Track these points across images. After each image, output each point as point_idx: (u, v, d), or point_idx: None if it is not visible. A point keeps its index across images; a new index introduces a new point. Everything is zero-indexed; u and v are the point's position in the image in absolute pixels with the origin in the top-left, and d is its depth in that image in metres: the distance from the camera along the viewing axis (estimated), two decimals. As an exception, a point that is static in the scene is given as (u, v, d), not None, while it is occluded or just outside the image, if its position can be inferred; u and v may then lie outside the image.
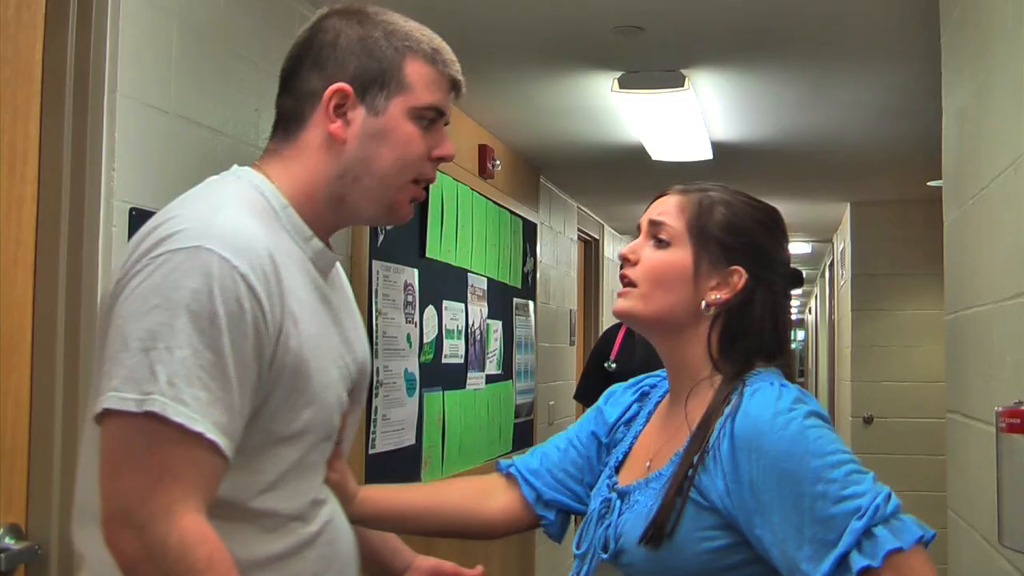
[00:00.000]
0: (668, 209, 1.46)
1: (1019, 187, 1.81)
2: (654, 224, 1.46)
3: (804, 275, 1.52)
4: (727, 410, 1.32)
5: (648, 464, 1.44)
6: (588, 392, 4.81)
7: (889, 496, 1.22)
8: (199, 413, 1.21)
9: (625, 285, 1.47)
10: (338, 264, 1.56)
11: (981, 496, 2.04)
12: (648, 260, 1.45)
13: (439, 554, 1.70)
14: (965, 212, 2.30)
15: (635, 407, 1.61)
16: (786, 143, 4.78)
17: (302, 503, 1.37)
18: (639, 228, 1.50)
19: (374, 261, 3.29)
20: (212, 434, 1.22)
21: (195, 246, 1.25)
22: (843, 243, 6.86)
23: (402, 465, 3.50)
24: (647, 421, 1.56)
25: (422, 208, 3.71)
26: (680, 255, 1.43)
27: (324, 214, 1.44)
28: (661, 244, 1.45)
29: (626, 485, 1.45)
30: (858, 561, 1.18)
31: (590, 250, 7.39)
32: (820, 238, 8.63)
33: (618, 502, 1.43)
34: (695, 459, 1.32)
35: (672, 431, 1.43)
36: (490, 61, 3.55)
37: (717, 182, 1.51)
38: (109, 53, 2.05)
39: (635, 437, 1.54)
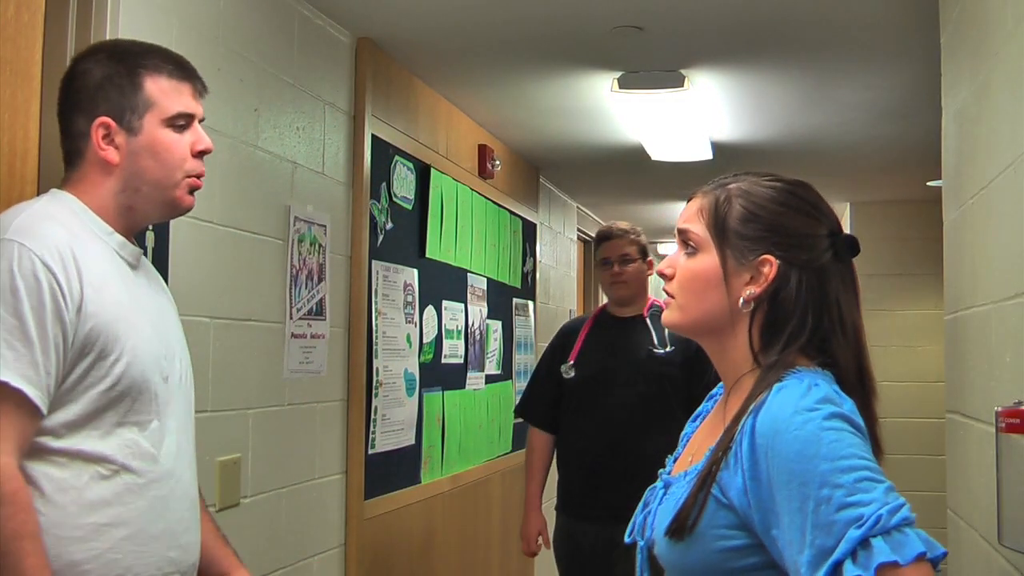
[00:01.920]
0: (691, 215, 1.46)
1: (1019, 187, 1.81)
2: (681, 232, 1.47)
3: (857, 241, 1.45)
4: (753, 407, 1.31)
5: (691, 458, 1.45)
6: (533, 403, 3.67)
7: (897, 509, 1.18)
8: (5, 367, 1.50)
9: (667, 297, 1.48)
10: (152, 269, 1.85)
11: (981, 496, 2.04)
12: (680, 271, 1.45)
13: (439, 554, 1.69)
14: (965, 212, 2.30)
15: (705, 406, 1.60)
16: (786, 143, 4.78)
17: (131, 453, 1.63)
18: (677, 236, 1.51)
19: (374, 261, 3.29)
20: (17, 383, 1.50)
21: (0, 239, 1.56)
22: (843, 243, 6.85)
23: (402, 465, 3.50)
24: (705, 416, 1.56)
25: (422, 208, 3.71)
26: (707, 260, 1.42)
27: (119, 220, 1.72)
28: (691, 252, 1.45)
29: (672, 476, 1.46)
30: (850, 571, 1.16)
31: (589, 250, 7.39)
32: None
33: (661, 492, 1.45)
34: (720, 455, 1.32)
35: (714, 426, 1.44)
36: (490, 61, 3.55)
37: (749, 171, 1.48)
38: (109, 53, 2.05)
39: (693, 432, 1.55)
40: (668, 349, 3.29)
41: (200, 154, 1.75)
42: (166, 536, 1.67)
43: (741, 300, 1.40)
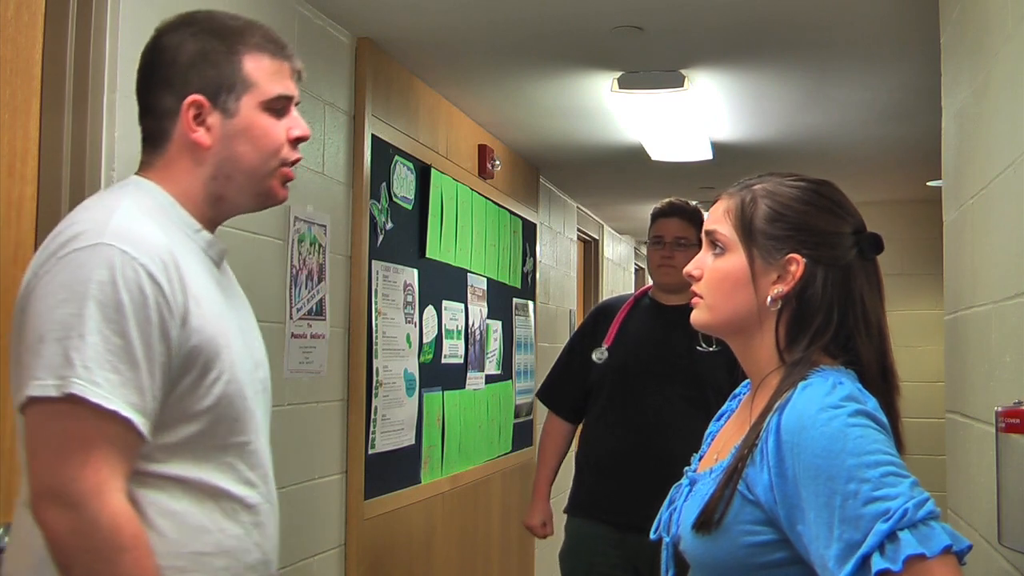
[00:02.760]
0: (718, 216, 1.49)
1: (1019, 187, 1.81)
2: (708, 234, 1.49)
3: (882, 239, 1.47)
4: (778, 405, 1.33)
5: (716, 456, 1.47)
6: (557, 389, 3.38)
7: (923, 503, 1.21)
8: (112, 393, 1.35)
9: (696, 297, 1.51)
10: (228, 267, 1.69)
11: (981, 496, 2.04)
12: (708, 271, 1.48)
13: (439, 554, 1.71)
14: (965, 212, 2.30)
15: (729, 405, 1.63)
16: (786, 143, 4.78)
17: (229, 478, 1.49)
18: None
19: (374, 261, 3.29)
20: (126, 412, 1.36)
21: (96, 243, 1.39)
22: (843, 243, 6.85)
23: (402, 465, 3.50)
24: (730, 415, 1.58)
25: (422, 208, 3.71)
26: (734, 260, 1.45)
27: (207, 211, 1.57)
28: (718, 252, 1.47)
29: (697, 474, 1.48)
30: (878, 563, 1.18)
31: (590, 250, 7.39)
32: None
33: (687, 489, 1.47)
34: (746, 452, 1.34)
35: (740, 424, 1.46)
36: (490, 61, 3.55)
37: (772, 172, 1.51)
38: (109, 53, 2.05)
39: (719, 430, 1.57)
40: (713, 348, 2.81)
41: (296, 141, 1.60)
42: (261, 566, 1.54)
43: (769, 299, 1.42)
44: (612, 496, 3.08)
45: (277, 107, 1.58)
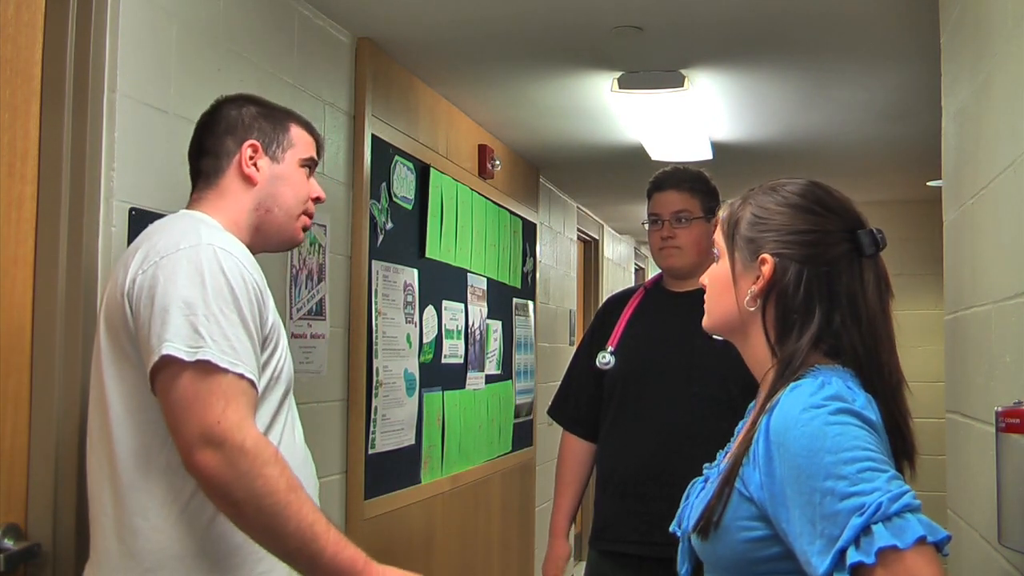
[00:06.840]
0: (719, 226, 1.56)
1: (1019, 187, 1.81)
2: (713, 244, 1.57)
3: (878, 235, 1.49)
4: (769, 406, 1.37)
5: (726, 452, 1.52)
6: (565, 402, 2.95)
7: (898, 496, 1.23)
8: (236, 359, 1.66)
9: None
10: None
11: (981, 496, 2.04)
12: (709, 277, 1.56)
13: (439, 554, 1.74)
14: (965, 212, 2.30)
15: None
16: (786, 143, 4.78)
17: (278, 436, 1.81)
18: None
19: (374, 261, 3.29)
20: (249, 373, 1.67)
21: (198, 244, 1.71)
22: (843, 243, 6.85)
23: (402, 465, 3.50)
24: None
25: (422, 208, 3.71)
26: (722, 265, 1.52)
27: (246, 238, 1.89)
28: (717, 259, 1.55)
29: (711, 470, 1.53)
30: (853, 557, 1.21)
31: (590, 250, 7.39)
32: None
33: (701, 485, 1.51)
34: (741, 453, 1.39)
35: (750, 421, 1.49)
36: (490, 61, 3.55)
37: (788, 178, 1.54)
38: (109, 53, 2.05)
39: (743, 427, 1.61)
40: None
41: (316, 200, 2.00)
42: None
43: (746, 300, 1.47)
44: (628, 525, 2.65)
45: (308, 166, 1.98)
